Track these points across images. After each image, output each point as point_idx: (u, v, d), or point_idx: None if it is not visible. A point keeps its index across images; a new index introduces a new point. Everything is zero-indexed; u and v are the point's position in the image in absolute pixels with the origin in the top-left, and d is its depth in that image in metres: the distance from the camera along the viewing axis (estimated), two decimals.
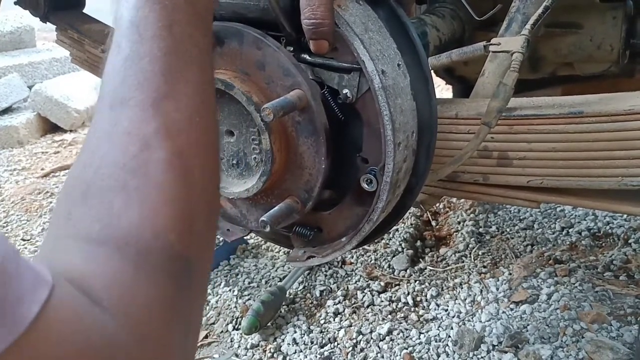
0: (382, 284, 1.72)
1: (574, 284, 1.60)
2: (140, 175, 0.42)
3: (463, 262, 1.79)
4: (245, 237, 1.71)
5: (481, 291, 1.63)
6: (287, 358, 1.49)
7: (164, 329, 0.40)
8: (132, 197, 0.41)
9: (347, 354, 1.47)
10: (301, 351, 1.50)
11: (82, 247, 0.40)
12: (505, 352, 1.39)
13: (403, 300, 1.64)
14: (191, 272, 0.43)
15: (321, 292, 1.71)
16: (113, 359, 0.37)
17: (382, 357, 1.45)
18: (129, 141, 0.43)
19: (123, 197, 0.41)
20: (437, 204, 2.11)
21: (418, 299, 1.65)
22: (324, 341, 1.52)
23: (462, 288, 1.66)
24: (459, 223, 2.00)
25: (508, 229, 1.94)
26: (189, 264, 0.43)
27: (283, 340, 1.54)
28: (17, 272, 0.33)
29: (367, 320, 1.58)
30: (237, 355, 1.53)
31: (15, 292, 0.33)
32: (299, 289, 1.75)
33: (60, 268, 0.39)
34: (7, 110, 3.53)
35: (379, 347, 1.48)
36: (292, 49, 0.80)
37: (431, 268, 1.78)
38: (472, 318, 1.53)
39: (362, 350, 1.48)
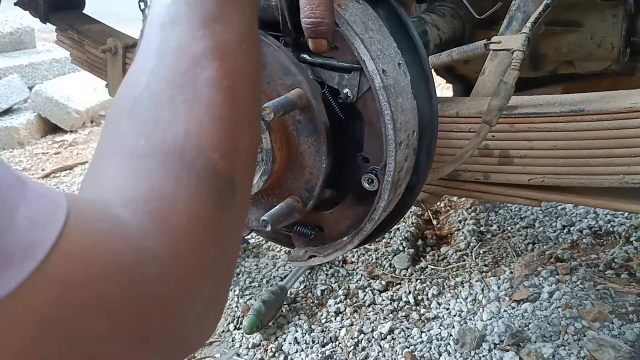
0: (384, 283, 1.72)
1: (575, 282, 1.60)
2: (189, 91, 0.42)
3: (464, 260, 1.79)
4: (246, 237, 1.71)
5: (482, 290, 1.63)
6: (289, 357, 1.49)
7: (202, 244, 0.40)
8: (179, 111, 0.41)
9: (349, 353, 1.47)
10: (302, 350, 1.50)
11: (125, 162, 0.40)
12: (507, 351, 1.39)
13: (404, 299, 1.64)
14: (233, 191, 0.43)
15: (322, 291, 1.71)
16: (144, 273, 0.36)
17: (384, 356, 1.45)
18: (179, 58, 0.43)
19: (170, 112, 0.41)
20: (438, 203, 2.11)
21: (419, 297, 1.65)
22: (325, 340, 1.52)
23: (463, 287, 1.66)
24: (460, 222, 2.00)
25: (509, 228, 1.94)
26: (231, 183, 0.42)
27: (284, 340, 1.54)
28: (24, 198, 0.32)
29: (369, 319, 1.58)
30: (238, 355, 1.53)
31: (28, 218, 0.32)
32: (300, 288, 1.75)
33: (102, 186, 0.39)
34: (8, 111, 3.54)
35: (380, 346, 1.48)
36: (292, 48, 0.80)
37: (432, 267, 1.78)
38: (473, 317, 1.53)
39: (363, 349, 1.48)
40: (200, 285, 0.40)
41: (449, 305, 1.59)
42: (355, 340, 1.50)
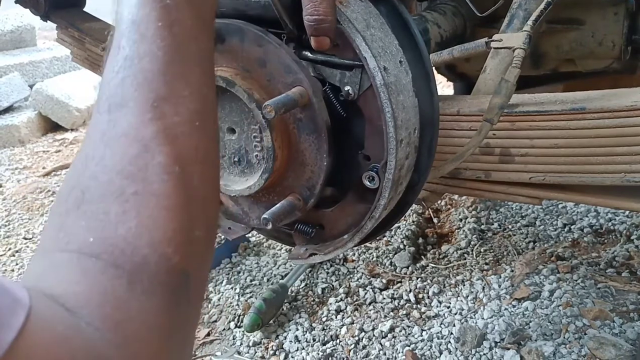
0: (384, 281, 1.72)
1: (576, 280, 1.60)
2: (139, 180, 0.40)
3: (465, 259, 1.79)
4: (247, 235, 1.71)
5: (483, 288, 1.63)
6: (289, 355, 1.49)
7: (160, 347, 0.38)
8: (130, 204, 0.39)
9: (349, 351, 1.47)
10: (303, 349, 1.50)
11: (74, 260, 0.38)
12: (508, 349, 1.39)
13: (405, 297, 1.64)
14: (189, 286, 0.41)
15: (323, 289, 1.71)
16: None
17: (384, 354, 1.45)
18: (127, 144, 0.41)
19: (120, 205, 0.39)
20: (439, 201, 2.11)
21: (420, 296, 1.65)
22: (326, 338, 1.52)
23: (464, 285, 1.66)
24: (460, 220, 2.00)
25: (510, 226, 1.94)
26: (186, 277, 0.41)
27: (285, 338, 1.54)
28: None
29: (369, 317, 1.58)
30: (239, 353, 1.53)
31: None
32: (300, 286, 1.75)
33: (48, 285, 0.37)
34: (8, 110, 3.54)
35: (381, 344, 1.48)
36: (293, 46, 0.80)
37: (433, 265, 1.78)
38: (474, 315, 1.53)
39: (364, 347, 1.48)
40: None
41: (450, 303, 1.59)
42: (356, 338, 1.51)
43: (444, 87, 2.82)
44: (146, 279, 0.38)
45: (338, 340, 1.52)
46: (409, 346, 1.46)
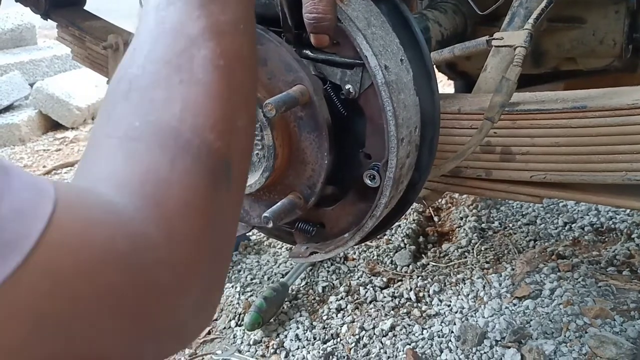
0: (385, 279, 1.72)
1: (577, 279, 1.60)
2: (185, 71, 0.41)
3: (465, 257, 1.79)
4: (247, 234, 1.71)
5: (484, 287, 1.63)
6: (290, 354, 1.49)
7: (199, 228, 0.39)
8: (175, 92, 0.41)
9: (350, 349, 1.47)
10: (304, 347, 1.50)
11: (119, 145, 0.39)
12: (508, 348, 1.39)
13: (406, 296, 1.64)
14: (229, 173, 0.42)
15: (324, 288, 1.71)
16: (141, 259, 0.35)
17: (385, 352, 1.45)
18: (175, 38, 0.43)
19: (166, 92, 0.41)
20: (440, 200, 2.11)
21: (421, 294, 1.65)
22: (326, 337, 1.52)
23: (464, 283, 1.66)
24: (461, 219, 1.99)
25: (511, 225, 1.94)
26: (227, 164, 0.42)
27: (286, 337, 1.54)
28: (8, 188, 0.31)
29: (370, 316, 1.58)
30: (239, 352, 1.53)
31: (13, 209, 0.30)
32: (301, 285, 1.75)
33: (96, 171, 0.38)
34: (9, 108, 3.54)
35: (381, 342, 1.48)
36: (293, 44, 0.80)
37: (434, 264, 1.78)
38: (475, 313, 1.53)
39: (364, 346, 1.48)
40: (197, 271, 0.39)
41: (451, 302, 1.59)
42: (357, 337, 1.51)
43: (445, 85, 2.82)
44: (189, 160, 0.39)
45: (339, 339, 1.52)
46: (410, 344, 1.46)
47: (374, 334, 1.51)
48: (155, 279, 0.36)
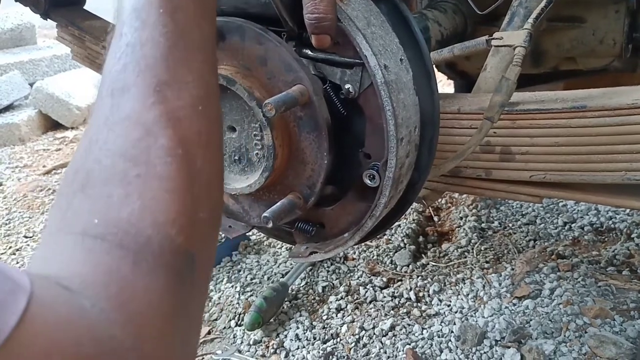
0: (385, 279, 1.72)
1: (576, 279, 1.60)
2: (141, 163, 0.40)
3: (465, 257, 1.79)
4: (247, 234, 1.71)
5: (484, 286, 1.63)
6: (290, 354, 1.49)
7: (165, 326, 0.38)
8: (133, 187, 0.40)
9: (350, 349, 1.47)
10: (304, 347, 1.50)
11: (78, 242, 0.39)
12: (508, 348, 1.39)
13: (405, 295, 1.64)
14: (193, 267, 0.41)
15: (323, 288, 1.71)
16: None
17: (385, 352, 1.45)
18: (130, 128, 0.42)
19: (123, 187, 0.40)
20: (440, 200, 2.11)
21: (420, 294, 1.65)
22: (326, 337, 1.52)
23: (464, 283, 1.66)
24: (461, 218, 1.99)
25: (510, 224, 1.94)
26: (191, 258, 0.41)
27: (286, 336, 1.54)
28: None
29: (370, 315, 1.58)
30: (239, 352, 1.53)
31: None
32: (301, 285, 1.75)
33: (53, 268, 0.38)
34: (9, 108, 3.54)
35: (381, 342, 1.48)
36: (293, 44, 0.80)
37: (433, 263, 1.78)
38: (474, 313, 1.53)
39: (364, 345, 1.48)
40: None
41: (450, 301, 1.59)
42: (357, 336, 1.51)
43: (445, 85, 2.82)
44: (151, 259, 0.38)
45: (339, 339, 1.52)
46: (410, 344, 1.46)
47: (374, 333, 1.51)
48: None
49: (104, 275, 0.37)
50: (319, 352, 1.47)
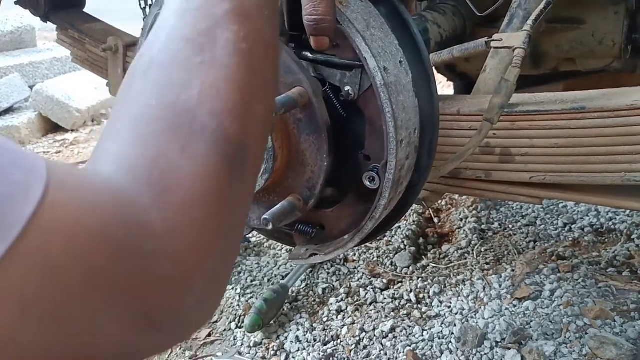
0: (385, 281, 1.72)
1: (577, 280, 1.60)
2: (206, 51, 0.41)
3: (466, 259, 1.79)
4: (247, 236, 1.71)
5: (484, 288, 1.63)
6: (290, 356, 1.49)
7: (207, 220, 0.37)
8: (195, 73, 0.40)
9: (350, 351, 1.47)
10: (304, 349, 1.50)
11: (133, 124, 0.38)
12: (509, 349, 1.39)
13: (406, 297, 1.64)
14: (245, 160, 0.41)
15: (324, 289, 1.71)
16: (138, 248, 0.33)
17: (385, 354, 1.45)
18: (199, 18, 0.42)
19: (185, 72, 0.40)
20: (440, 201, 2.11)
21: (421, 296, 1.65)
22: (327, 339, 1.52)
23: (464, 285, 1.66)
24: (461, 220, 1.99)
25: (510, 226, 1.94)
26: (243, 150, 0.40)
27: (286, 338, 1.54)
28: None
29: (370, 317, 1.58)
30: (240, 354, 1.53)
31: (0, 191, 0.29)
32: (301, 286, 1.75)
33: (106, 151, 0.38)
34: (9, 111, 3.54)
35: (382, 344, 1.48)
36: (293, 46, 0.80)
37: (434, 265, 1.78)
38: (475, 315, 1.53)
39: (365, 347, 1.48)
40: (202, 264, 0.37)
41: (451, 303, 1.59)
42: (357, 338, 1.50)
43: (444, 87, 2.82)
44: (202, 146, 0.38)
45: (339, 341, 1.52)
46: (410, 346, 1.46)
47: (374, 335, 1.51)
48: (154, 269, 0.34)
49: (150, 158, 0.36)
50: (319, 354, 1.47)
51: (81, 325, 0.32)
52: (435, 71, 1.27)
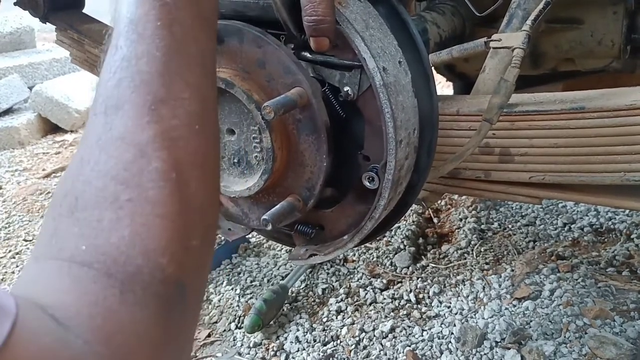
0: (385, 281, 1.72)
1: (576, 279, 1.60)
2: (133, 186, 0.39)
3: (465, 259, 1.79)
4: (247, 236, 1.70)
5: (483, 288, 1.63)
6: (290, 356, 1.49)
7: (154, 358, 0.37)
8: (124, 211, 0.38)
9: (350, 351, 1.47)
10: (304, 349, 1.50)
11: (65, 269, 0.37)
12: (508, 349, 1.39)
13: (405, 297, 1.64)
14: (184, 296, 0.40)
15: (323, 290, 1.71)
16: None
17: (385, 354, 1.45)
18: (123, 149, 0.40)
19: (114, 212, 0.38)
20: (439, 201, 2.11)
21: (420, 296, 1.65)
22: (326, 339, 1.52)
23: (464, 285, 1.66)
24: (460, 220, 1.99)
25: (510, 226, 1.94)
26: (182, 288, 0.39)
27: (286, 339, 1.54)
28: None
29: (370, 317, 1.58)
30: (239, 354, 1.53)
31: None
32: (301, 287, 1.75)
33: (38, 294, 0.36)
34: (8, 111, 3.53)
35: (381, 344, 1.48)
36: (292, 46, 0.80)
37: (433, 265, 1.78)
38: (474, 315, 1.53)
39: (364, 347, 1.48)
40: None
41: (450, 303, 1.59)
42: (357, 338, 1.50)
43: (443, 87, 2.82)
44: (139, 290, 0.37)
45: (339, 341, 1.52)
46: (410, 346, 1.46)
47: (374, 335, 1.51)
48: None
49: (89, 305, 0.36)
50: (319, 355, 1.47)
51: None
52: (434, 71, 1.27)
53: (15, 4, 1.79)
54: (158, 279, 0.38)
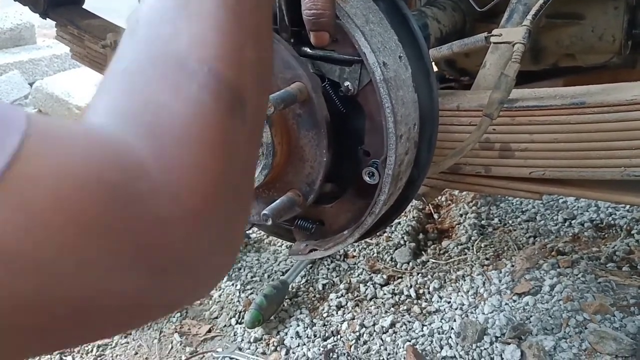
0: (385, 276, 1.72)
1: (576, 275, 1.60)
2: (194, 4, 0.40)
3: (465, 254, 1.79)
4: (247, 232, 1.71)
5: (484, 283, 1.63)
6: (291, 351, 1.49)
7: (207, 155, 0.35)
8: (182, 26, 0.39)
9: (350, 346, 1.48)
10: (304, 344, 1.50)
11: (121, 77, 0.38)
12: (508, 344, 1.39)
13: (406, 292, 1.64)
14: (244, 103, 0.39)
15: (324, 285, 1.72)
16: (133, 189, 0.32)
17: (385, 349, 1.45)
18: None
19: (172, 26, 0.39)
20: (439, 197, 2.11)
21: (421, 291, 1.65)
22: (327, 334, 1.52)
23: (464, 280, 1.66)
24: (461, 215, 2.00)
25: (510, 221, 1.94)
26: (239, 93, 0.39)
27: (286, 334, 1.54)
28: None
29: (370, 313, 1.58)
30: (240, 349, 1.53)
31: None
32: (301, 282, 1.75)
33: (93, 105, 0.37)
34: None
35: (382, 339, 1.48)
36: (292, 41, 0.80)
37: (433, 261, 1.78)
38: (474, 310, 1.53)
39: (365, 342, 1.48)
40: (208, 202, 0.35)
41: (451, 298, 1.60)
42: (357, 334, 1.51)
43: None
44: (195, 87, 0.36)
45: (339, 336, 1.52)
46: (410, 341, 1.46)
47: (374, 330, 1.51)
48: (152, 210, 0.32)
49: (140, 102, 0.35)
50: (319, 350, 1.48)
51: (78, 275, 0.30)
52: (434, 66, 1.27)
53: None
54: (214, 80, 0.37)
